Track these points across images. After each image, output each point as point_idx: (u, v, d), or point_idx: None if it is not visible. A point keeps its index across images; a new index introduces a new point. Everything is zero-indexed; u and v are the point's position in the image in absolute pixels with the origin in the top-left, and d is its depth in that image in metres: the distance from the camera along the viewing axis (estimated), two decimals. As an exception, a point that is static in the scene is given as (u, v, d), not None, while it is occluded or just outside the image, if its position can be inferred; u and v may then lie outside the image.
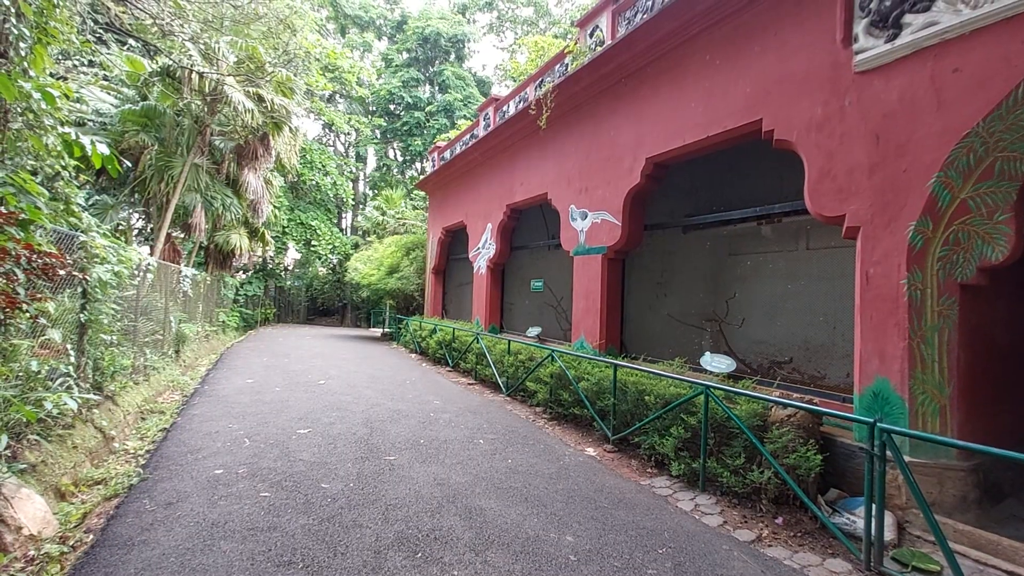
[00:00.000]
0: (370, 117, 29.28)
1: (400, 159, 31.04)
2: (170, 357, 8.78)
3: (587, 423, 6.36)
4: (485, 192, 11.88)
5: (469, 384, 9.39)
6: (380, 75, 29.71)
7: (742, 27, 5.49)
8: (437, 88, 29.93)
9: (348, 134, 29.70)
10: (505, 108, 11.16)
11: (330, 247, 24.23)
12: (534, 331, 10.38)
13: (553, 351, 7.07)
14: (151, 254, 10.09)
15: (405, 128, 28.67)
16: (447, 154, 14.78)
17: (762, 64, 5.25)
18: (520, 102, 10.34)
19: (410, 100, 28.67)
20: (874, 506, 3.32)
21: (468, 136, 13.32)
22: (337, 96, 28.04)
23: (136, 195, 10.94)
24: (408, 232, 20.74)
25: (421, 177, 19.15)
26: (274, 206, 17.98)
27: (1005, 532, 3.52)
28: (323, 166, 24.35)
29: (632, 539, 3.58)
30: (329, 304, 27.55)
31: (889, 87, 4.16)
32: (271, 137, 12.68)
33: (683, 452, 4.78)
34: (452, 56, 30.52)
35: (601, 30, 7.79)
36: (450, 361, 11.01)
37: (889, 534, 3.62)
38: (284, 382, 8.61)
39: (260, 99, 11.31)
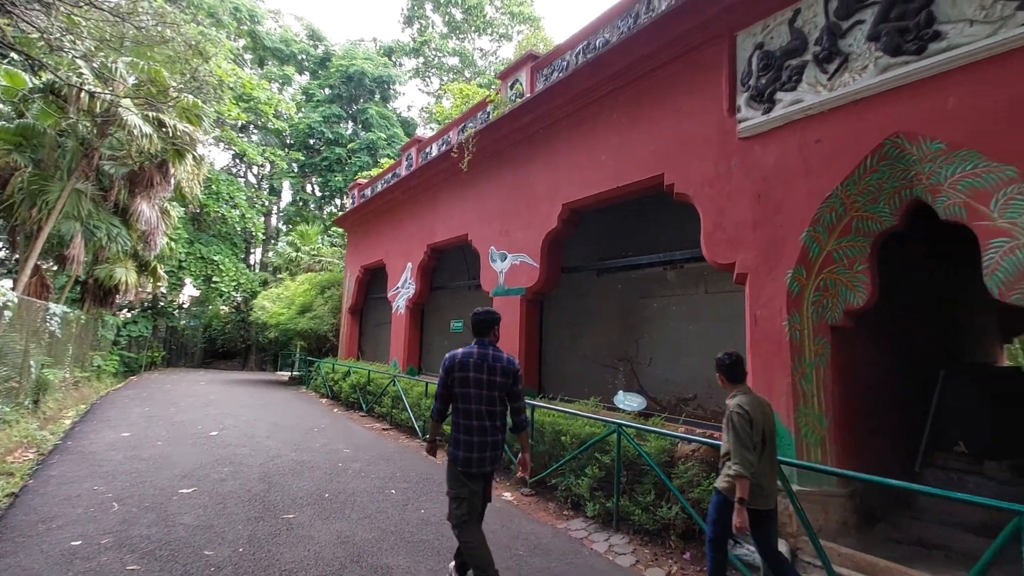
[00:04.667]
0: (287, 150, 28.26)
1: (319, 194, 30.06)
2: (26, 408, 7.50)
3: (504, 467, 6.24)
4: (406, 231, 11.76)
5: (384, 430, 8.92)
6: (300, 109, 29.00)
7: (645, 92, 6.05)
8: (360, 126, 29.72)
9: (262, 166, 28.39)
10: (428, 149, 11.29)
11: (234, 284, 22.46)
12: (453, 372, 10.18)
13: (471, 393, 6.94)
14: (13, 288, 8.75)
15: (325, 163, 27.96)
16: (368, 191, 14.55)
17: (663, 125, 5.78)
18: (443, 144, 10.52)
19: (331, 136, 28.16)
20: (769, 536, 3.51)
21: (390, 175, 13.25)
22: (252, 127, 26.88)
23: (1, 221, 9.54)
24: (324, 270, 19.86)
25: (340, 213, 18.61)
26: (170, 238, 16.43)
27: (881, 554, 3.86)
28: (231, 197, 22.88)
29: (547, 587, 3.48)
30: (231, 346, 25.27)
31: (767, 152, 4.74)
32: (171, 164, 11.77)
33: (598, 492, 4.81)
34: (377, 96, 30.64)
35: (521, 84, 8.23)
36: (364, 406, 10.44)
37: (784, 562, 3.83)
38: (168, 435, 7.65)
39: (161, 124, 10.52)
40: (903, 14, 3.84)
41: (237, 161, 28.11)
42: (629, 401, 6.18)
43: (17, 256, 10.19)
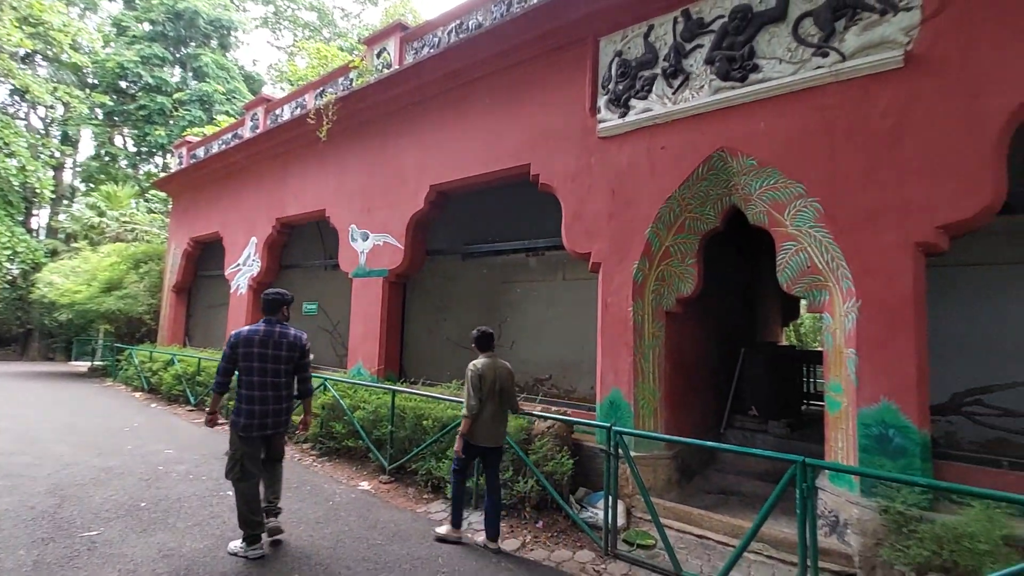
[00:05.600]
0: (88, 91, 22.98)
1: (133, 150, 25.09)
2: None
3: (362, 455, 5.98)
4: (250, 201, 10.45)
5: (220, 424, 7.88)
6: (109, 43, 23.78)
7: (517, 81, 6.15)
8: (192, 74, 25.43)
9: (51, 107, 22.70)
10: (279, 111, 10.12)
11: (8, 252, 17.78)
12: (305, 358, 9.41)
13: (326, 380, 6.50)
14: None
15: (143, 113, 23.35)
16: (201, 151, 12.57)
17: (532, 116, 5.96)
18: (297, 108, 9.53)
19: (152, 81, 23.58)
20: (611, 498, 3.91)
21: (230, 135, 11.60)
22: (39, 56, 21.26)
23: None
24: (139, 240, 16.75)
25: (163, 174, 15.80)
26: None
27: (695, 504, 4.56)
28: (5, 144, 17.94)
29: (407, 572, 3.43)
30: (3, 331, 20.07)
31: (621, 153, 5.18)
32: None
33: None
34: (214, 42, 26.47)
35: (389, 53, 7.79)
36: (192, 398, 9.12)
37: (621, 520, 4.31)
38: (-102, 445, 5.80)
39: None
40: (732, 44, 4.47)
41: (16, 99, 22.06)
42: (490, 383, 6.34)
43: None
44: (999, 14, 3.46)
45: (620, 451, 3.95)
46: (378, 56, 7.96)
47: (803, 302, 9.31)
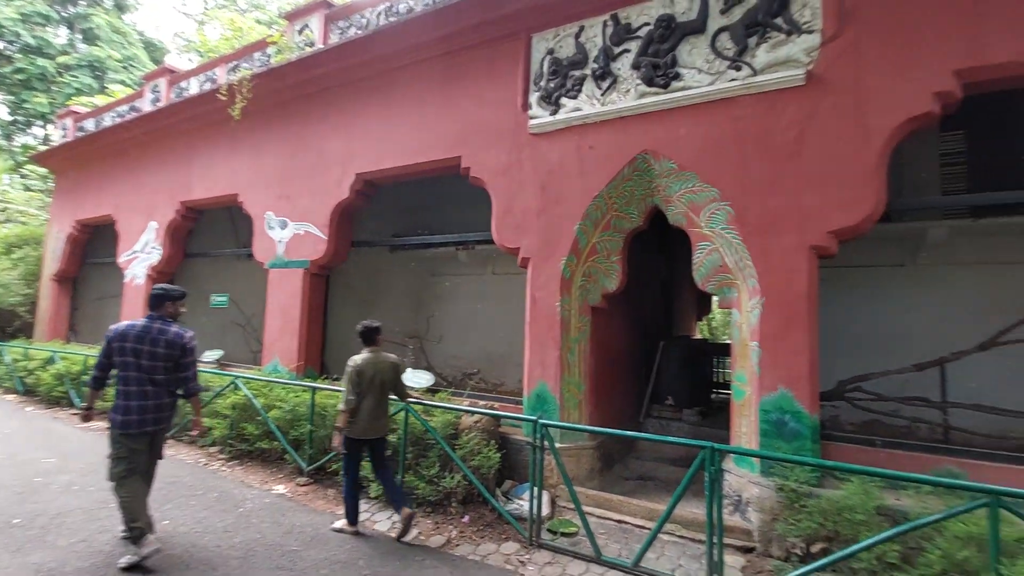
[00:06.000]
0: (-54, 46, 19.66)
1: (8, 118, 21.85)
2: None
3: (278, 457, 5.64)
4: (149, 182, 9.45)
5: (109, 428, 7.10)
6: (-26, -7, 20.43)
7: (450, 71, 6.03)
8: (80, 36, 22.53)
9: None
10: (185, 84, 9.23)
11: None
12: (213, 355, 8.70)
13: (237, 378, 6.05)
14: None
15: (21, 78, 20.36)
16: (91, 124, 11.18)
17: (465, 108, 5.87)
18: (207, 82, 8.73)
19: (33, 42, 20.61)
20: (536, 489, 3.98)
21: (127, 107, 10.42)
22: None
23: None
24: (11, 221, 14.63)
25: (45, 148, 13.88)
26: None
27: (615, 491, 4.76)
28: None
29: (325, 578, 3.29)
30: None
31: (552, 150, 5.25)
32: None
33: (383, 471, 4.73)
34: (108, 2, 23.62)
35: (312, 31, 7.35)
36: (78, 400, 8.13)
37: (546, 509, 4.40)
38: None
39: None
40: (657, 52, 4.67)
41: None
42: (417, 378, 6.23)
43: None
44: (883, 43, 3.88)
45: (546, 443, 4.03)
46: (300, 33, 7.48)
47: (715, 298, 10.05)
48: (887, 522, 3.18)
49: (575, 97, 5.14)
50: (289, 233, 7.20)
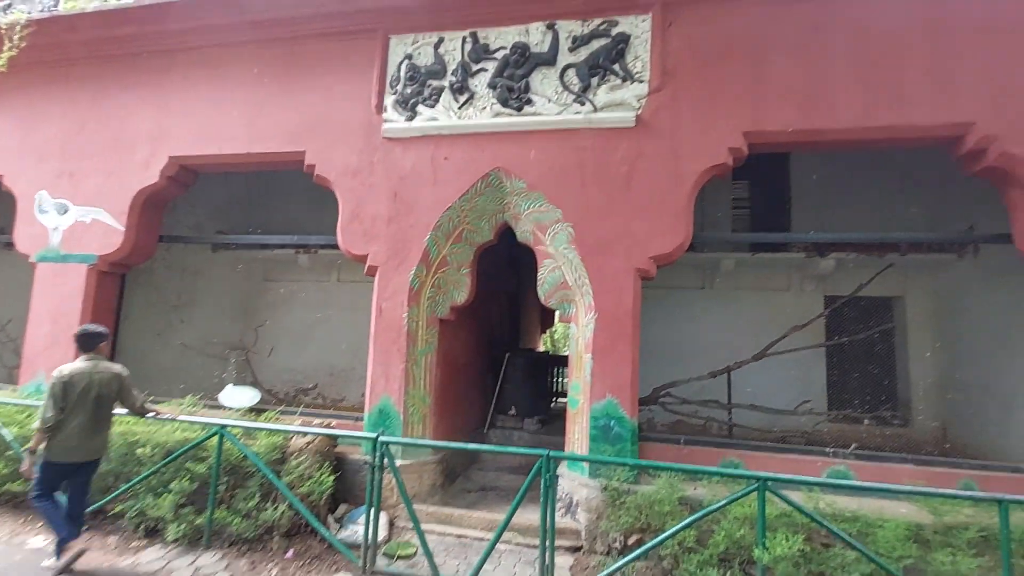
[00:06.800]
0: None
1: None
2: None
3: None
4: None
5: None
6: None
7: (298, 57, 5.48)
8: None
9: None
10: (-84, 13, 6.94)
11: None
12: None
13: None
14: None
15: None
16: None
17: (312, 101, 5.39)
18: (-47, 15, 6.68)
19: None
20: (372, 511, 3.74)
21: None
22: None
23: None
24: None
25: None
26: None
27: (457, 504, 4.72)
28: None
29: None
30: None
31: (406, 156, 5.10)
32: None
33: (186, 508, 4.01)
34: None
35: (120, -20, 6.12)
36: None
37: (384, 532, 4.17)
38: None
39: None
40: (512, 76, 4.87)
41: None
42: (239, 396, 5.47)
43: None
44: (694, 101, 4.58)
45: (386, 461, 3.82)
46: (103, -20, 6.17)
47: (557, 313, 10.77)
48: (687, 511, 3.66)
49: (432, 107, 5.08)
50: (70, 219, 5.80)
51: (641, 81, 4.63)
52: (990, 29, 4.17)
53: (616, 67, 4.67)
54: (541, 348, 14.81)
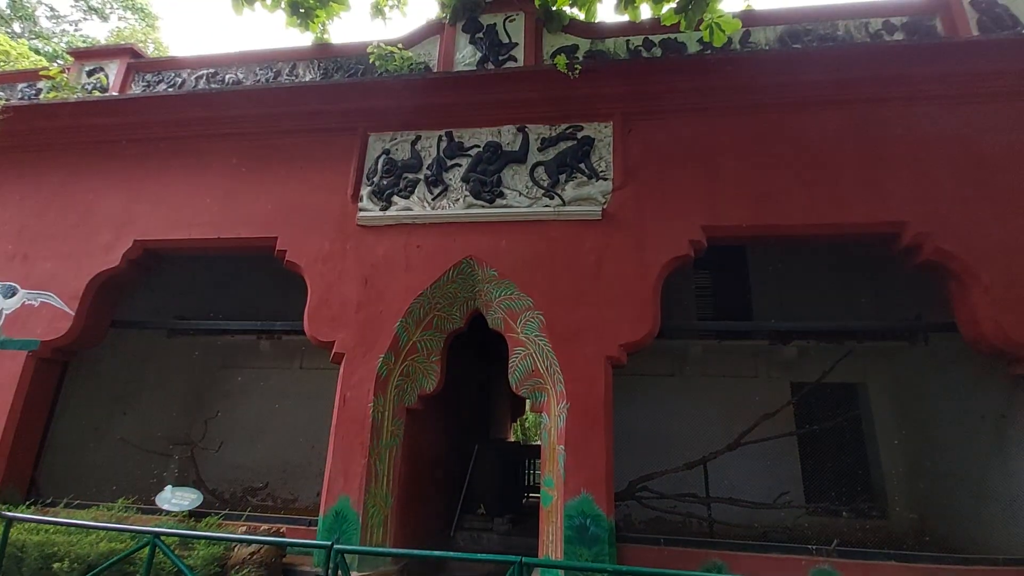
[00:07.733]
0: None
1: None
2: None
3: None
4: None
5: None
6: None
7: (276, 149, 5.66)
8: None
9: None
10: None
11: None
12: None
13: None
14: None
15: None
16: None
17: (288, 189, 5.50)
18: (-71, 101, 6.73)
19: None
20: (323, 638, 3.27)
21: None
22: None
23: None
24: None
25: None
26: None
27: (417, 624, 4.19)
28: None
29: None
30: None
31: (379, 244, 5.16)
32: None
33: (99, 640, 3.42)
34: None
35: (107, 76, 6.39)
36: None
37: (333, 663, 3.62)
38: None
39: None
40: (485, 171, 5.14)
41: None
42: (179, 499, 4.93)
43: None
44: (655, 197, 4.89)
45: (340, 574, 3.42)
46: (90, 75, 6.43)
47: (528, 402, 10.52)
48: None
49: (407, 197, 5.25)
50: (17, 302, 5.49)
51: (606, 179, 4.95)
52: (916, 140, 4.71)
53: (582, 166, 5.00)
54: (512, 438, 14.26)
